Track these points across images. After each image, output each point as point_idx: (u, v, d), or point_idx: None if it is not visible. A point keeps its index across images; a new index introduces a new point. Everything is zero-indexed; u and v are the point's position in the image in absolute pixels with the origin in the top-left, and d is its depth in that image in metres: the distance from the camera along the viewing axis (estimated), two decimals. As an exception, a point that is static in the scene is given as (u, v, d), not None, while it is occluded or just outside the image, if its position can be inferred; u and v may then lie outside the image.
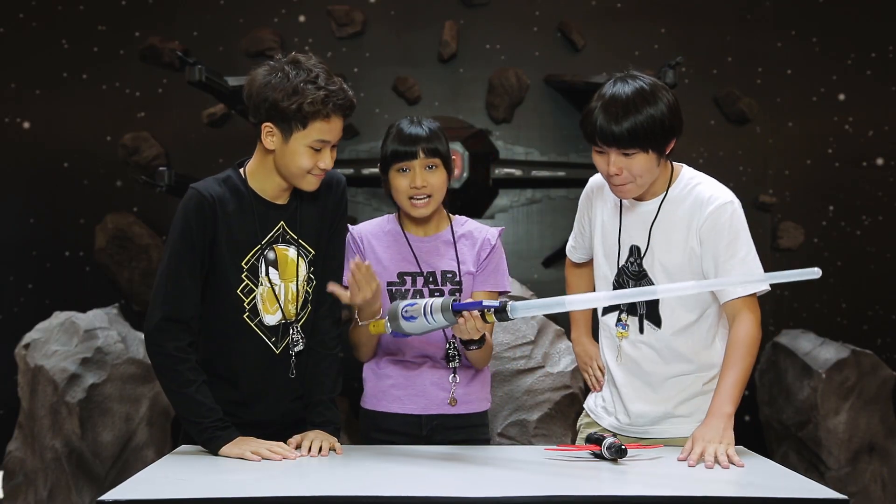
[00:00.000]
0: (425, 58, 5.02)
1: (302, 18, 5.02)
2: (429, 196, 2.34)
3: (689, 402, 2.30)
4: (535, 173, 4.76)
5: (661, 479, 1.96)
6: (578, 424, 2.53)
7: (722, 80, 5.05)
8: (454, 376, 2.37)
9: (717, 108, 5.06)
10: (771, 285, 2.25)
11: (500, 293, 2.44)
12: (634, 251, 2.30)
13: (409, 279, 2.38)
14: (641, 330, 2.29)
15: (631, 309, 2.30)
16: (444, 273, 2.39)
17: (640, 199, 2.30)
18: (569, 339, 2.86)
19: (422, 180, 2.32)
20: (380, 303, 2.26)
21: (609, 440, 2.08)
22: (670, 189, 2.28)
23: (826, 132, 5.08)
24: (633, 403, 2.32)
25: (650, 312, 2.28)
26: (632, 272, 2.30)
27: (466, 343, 2.17)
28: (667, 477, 1.97)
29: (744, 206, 2.28)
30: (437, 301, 2.05)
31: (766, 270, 2.23)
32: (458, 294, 2.37)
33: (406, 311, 2.08)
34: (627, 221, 2.31)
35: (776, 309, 4.98)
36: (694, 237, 2.23)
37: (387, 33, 5.02)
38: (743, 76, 5.06)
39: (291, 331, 2.26)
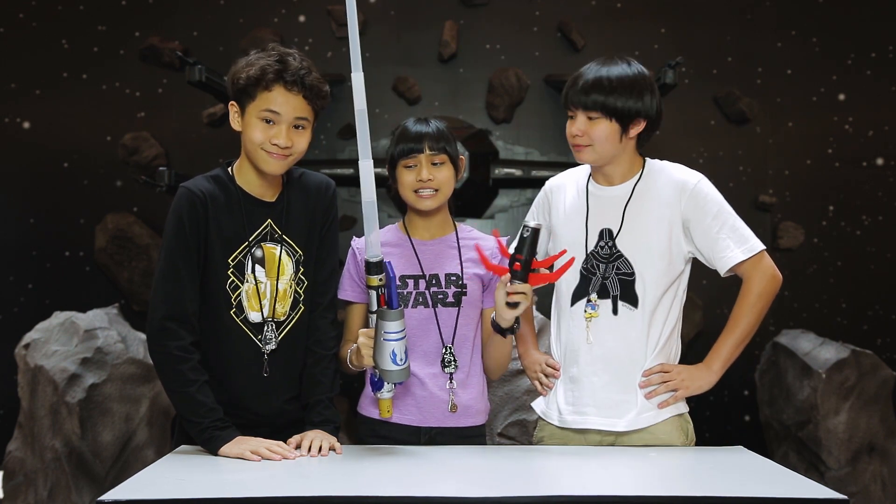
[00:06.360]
0: (425, 58, 5.02)
1: (302, 18, 5.02)
2: (435, 190, 2.35)
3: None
4: (535, 173, 4.75)
5: (660, 479, 1.96)
6: (536, 438, 2.45)
7: (722, 80, 5.05)
8: (451, 382, 2.37)
9: (717, 108, 5.06)
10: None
11: None
12: (605, 234, 2.30)
13: (410, 282, 2.38)
14: (616, 311, 2.27)
15: (602, 292, 2.28)
16: (447, 276, 2.39)
17: (610, 183, 2.32)
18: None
19: (428, 174, 2.33)
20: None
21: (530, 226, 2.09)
22: (643, 174, 2.32)
23: (826, 132, 5.08)
24: (599, 393, 2.27)
25: (625, 293, 2.26)
26: (602, 255, 2.29)
27: (504, 330, 2.26)
28: (666, 476, 1.98)
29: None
30: (376, 322, 2.06)
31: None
32: (462, 297, 2.37)
33: (386, 362, 2.05)
34: (596, 206, 2.32)
35: (776, 309, 4.97)
36: (677, 218, 2.25)
37: (387, 33, 5.02)
38: (743, 76, 5.06)
39: (266, 329, 2.26)
